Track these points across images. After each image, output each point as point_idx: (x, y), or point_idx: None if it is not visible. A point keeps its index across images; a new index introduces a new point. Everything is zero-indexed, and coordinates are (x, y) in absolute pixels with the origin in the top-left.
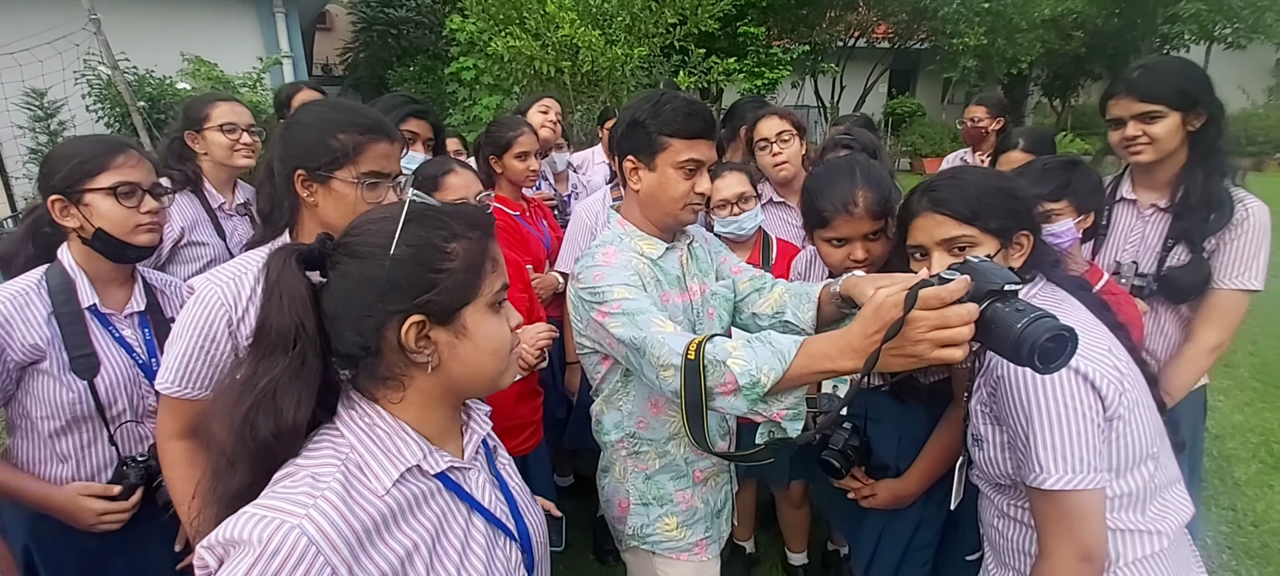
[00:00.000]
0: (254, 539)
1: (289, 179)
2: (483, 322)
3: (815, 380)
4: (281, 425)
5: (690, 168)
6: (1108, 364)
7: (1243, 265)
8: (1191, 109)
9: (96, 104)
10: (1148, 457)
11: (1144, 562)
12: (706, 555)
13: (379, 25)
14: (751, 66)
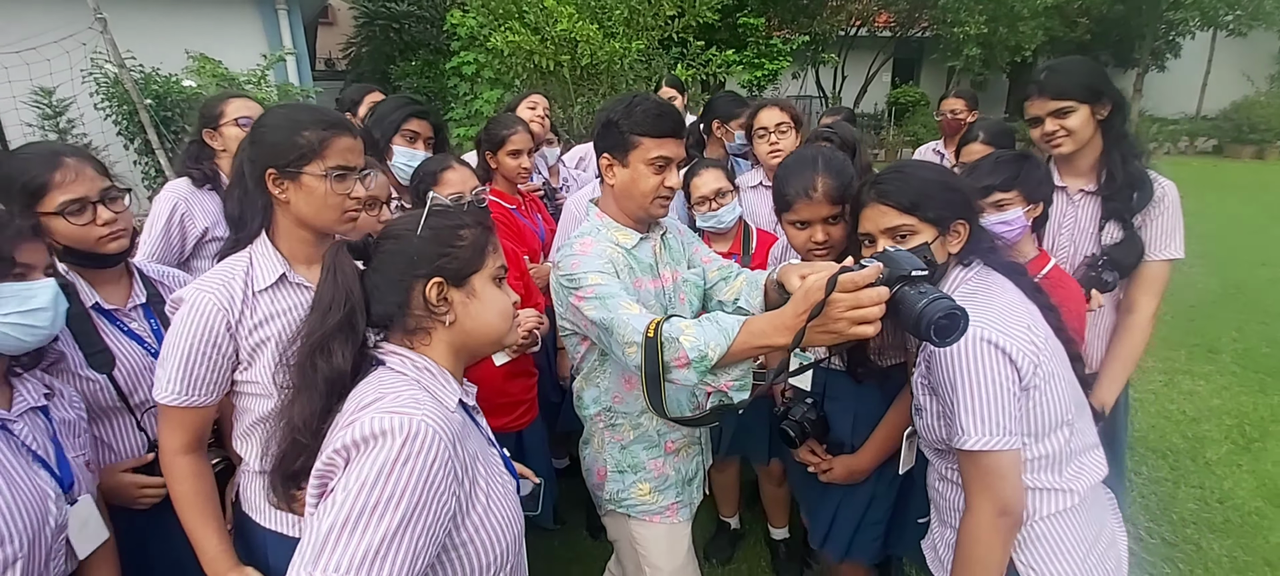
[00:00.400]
0: (395, 428)
1: (260, 180)
2: (488, 288)
3: (755, 354)
4: (334, 367)
5: (660, 164)
6: (1024, 339)
7: (1166, 238)
8: (1097, 100)
9: (104, 101)
10: (1063, 424)
11: (1057, 517)
12: (677, 519)
13: (381, 20)
14: (751, 57)
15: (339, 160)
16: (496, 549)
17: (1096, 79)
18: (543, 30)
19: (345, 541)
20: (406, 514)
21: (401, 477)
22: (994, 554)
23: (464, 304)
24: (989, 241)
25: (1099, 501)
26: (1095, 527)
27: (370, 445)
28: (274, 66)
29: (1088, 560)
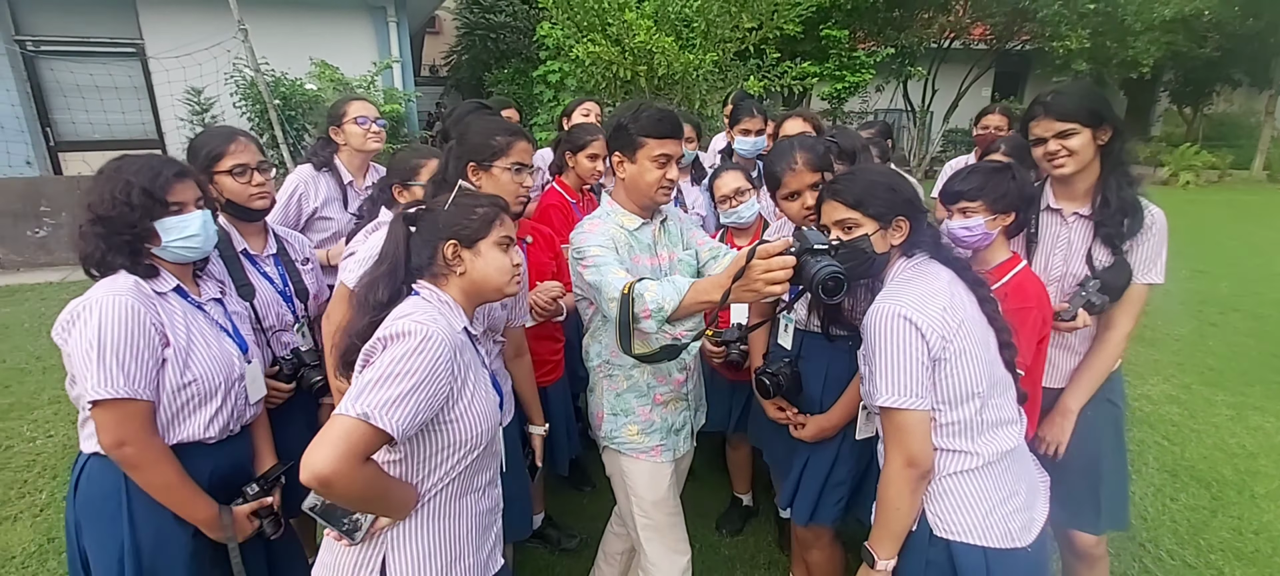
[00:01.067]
0: (416, 331)
1: (462, 170)
2: (492, 251)
3: (702, 309)
4: (376, 299)
5: (661, 160)
6: (938, 318)
7: (1150, 263)
8: (1099, 125)
9: (241, 100)
10: (974, 396)
11: (963, 475)
12: (660, 459)
13: (480, 30)
14: (832, 70)
15: (519, 159)
16: (474, 430)
17: (1099, 104)
18: (623, 42)
19: (374, 392)
20: (416, 384)
21: (416, 360)
22: (903, 498)
23: (472, 260)
24: (934, 237)
25: (1014, 471)
26: (1003, 492)
27: (400, 338)
28: (382, 72)
29: (990, 518)
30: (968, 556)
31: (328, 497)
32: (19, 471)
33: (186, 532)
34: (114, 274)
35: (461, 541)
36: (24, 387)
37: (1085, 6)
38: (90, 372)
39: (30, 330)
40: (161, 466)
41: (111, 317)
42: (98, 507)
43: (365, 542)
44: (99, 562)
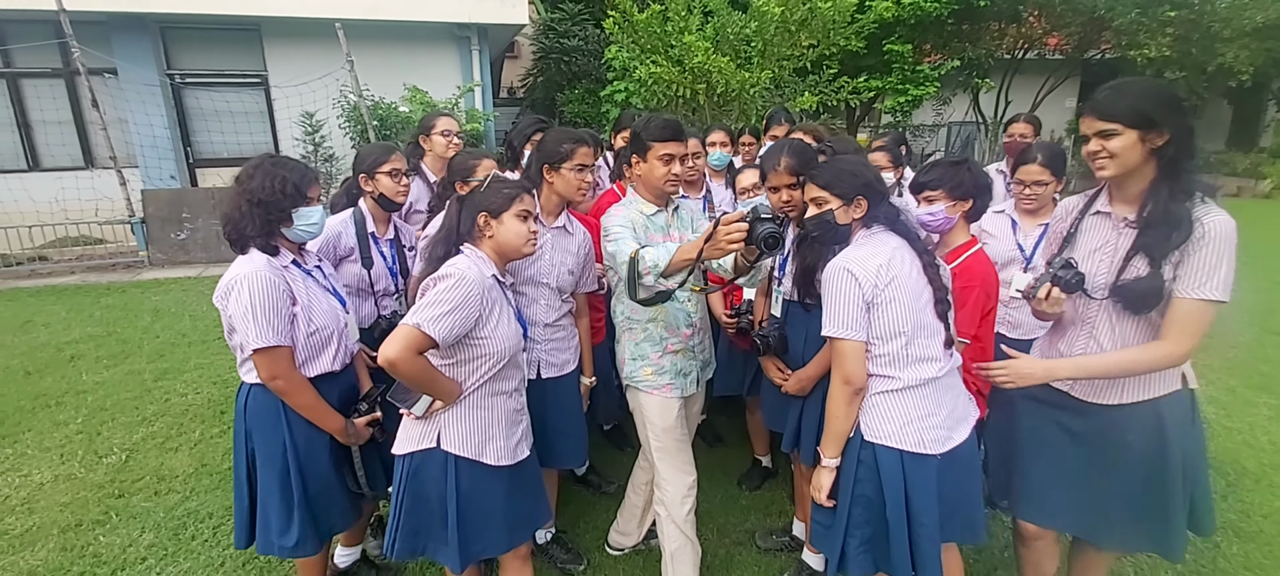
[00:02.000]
0: (454, 273)
1: (540, 169)
2: (512, 221)
3: (685, 264)
4: (436, 257)
5: (666, 158)
6: (872, 271)
7: (1202, 277)
8: (1149, 128)
9: (345, 122)
10: (899, 334)
11: (887, 395)
12: (670, 395)
13: (554, 54)
14: (896, 83)
15: (582, 161)
16: (499, 347)
17: (1153, 106)
18: (684, 62)
19: (425, 310)
20: (453, 307)
21: (454, 292)
22: (841, 409)
23: (498, 227)
24: (892, 213)
25: (934, 397)
26: (922, 411)
27: (444, 278)
28: (465, 95)
29: (906, 428)
30: (887, 457)
31: (394, 375)
32: (177, 417)
33: (325, 437)
34: (247, 251)
35: (493, 426)
36: (175, 356)
37: (1165, 14)
38: (248, 329)
39: (176, 314)
40: (304, 392)
41: (257, 287)
42: (263, 420)
43: (426, 420)
44: (265, 458)
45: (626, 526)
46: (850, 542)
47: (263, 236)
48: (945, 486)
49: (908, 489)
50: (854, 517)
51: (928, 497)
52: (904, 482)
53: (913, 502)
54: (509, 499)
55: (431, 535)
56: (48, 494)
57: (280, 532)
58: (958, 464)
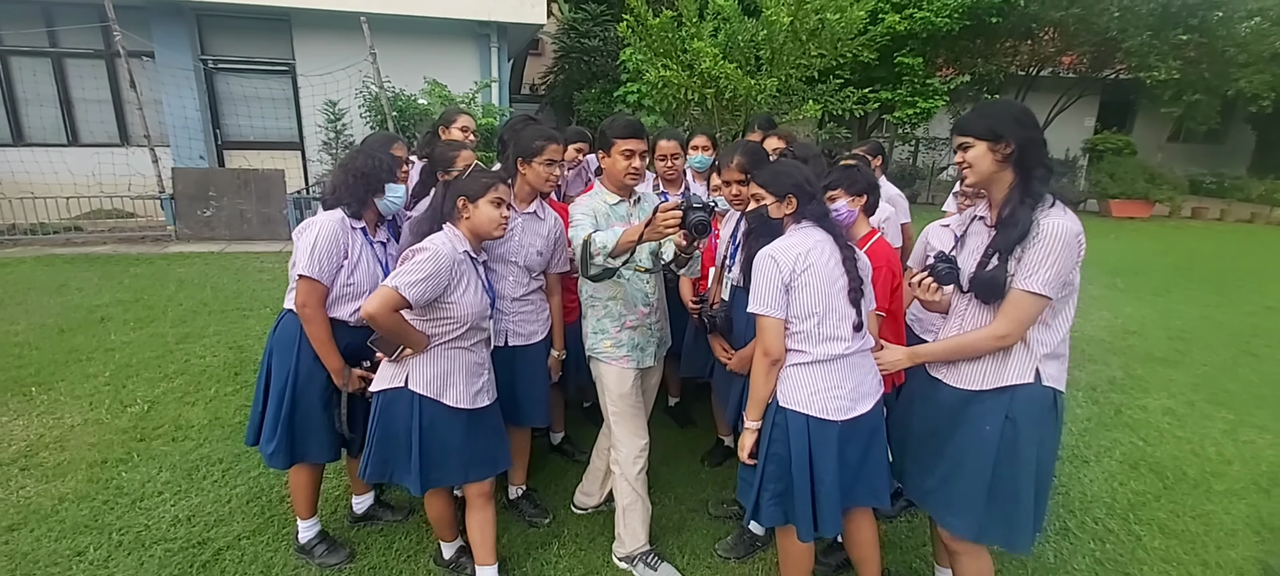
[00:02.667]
0: (432, 247)
1: (515, 162)
2: (486, 205)
3: (630, 245)
4: (422, 232)
5: (627, 153)
6: (791, 258)
7: (1029, 271)
8: (996, 140)
9: (366, 112)
10: (812, 315)
11: (799, 367)
12: (626, 366)
13: (575, 53)
14: (905, 95)
15: (550, 156)
16: (464, 312)
17: (999, 121)
18: (693, 67)
19: (402, 276)
20: (425, 276)
21: (427, 264)
22: (761, 377)
23: (474, 211)
24: (821, 211)
25: (840, 372)
26: (829, 383)
27: (420, 250)
28: (482, 90)
29: (814, 397)
30: (795, 420)
31: (373, 326)
32: (195, 376)
33: (323, 373)
34: (330, 211)
35: (455, 373)
36: (196, 322)
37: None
38: (303, 257)
39: (199, 285)
40: (320, 325)
41: (325, 232)
42: (284, 344)
43: (398, 363)
44: (277, 376)
45: (589, 488)
46: (764, 496)
47: (356, 203)
48: (848, 452)
49: (812, 450)
50: (767, 474)
51: (829, 459)
52: (809, 444)
53: (816, 463)
54: (466, 438)
55: (397, 463)
56: (77, 435)
57: (266, 441)
58: (860, 432)
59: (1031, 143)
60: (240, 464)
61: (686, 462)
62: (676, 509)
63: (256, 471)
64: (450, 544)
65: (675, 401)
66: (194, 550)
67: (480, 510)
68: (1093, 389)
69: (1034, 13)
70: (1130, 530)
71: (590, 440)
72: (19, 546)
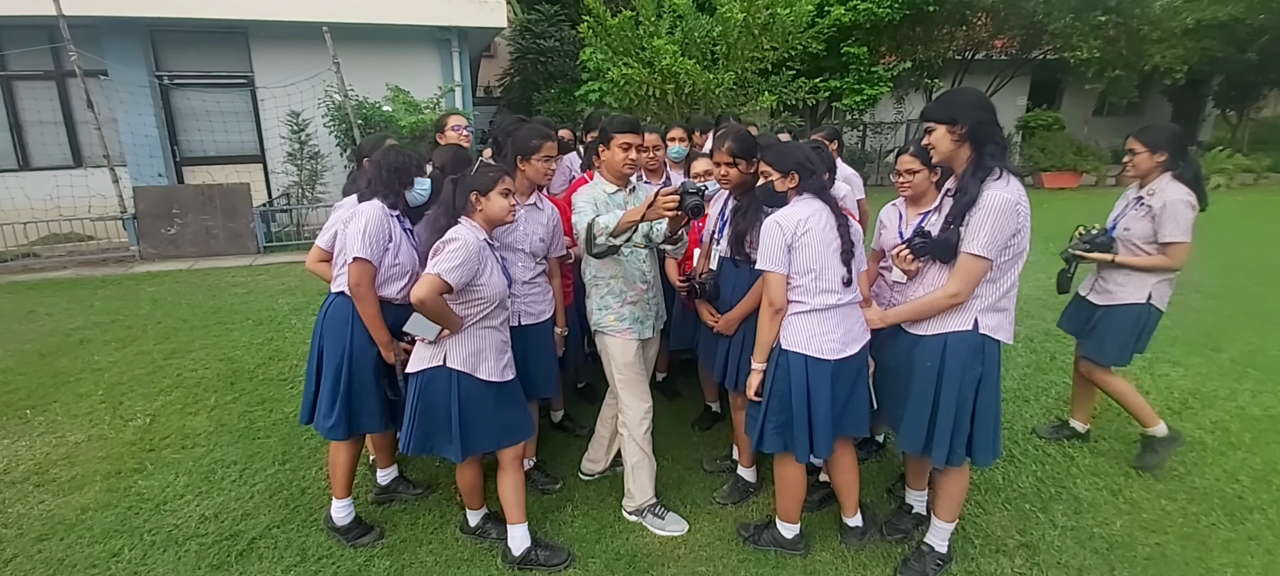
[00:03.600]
0: (460, 237)
1: (514, 159)
2: (496, 197)
3: (631, 225)
4: (440, 226)
5: (625, 146)
6: (793, 223)
7: (970, 236)
8: (952, 123)
9: (330, 121)
10: (809, 271)
11: (799, 315)
12: (629, 337)
13: (531, 55)
14: (852, 83)
15: (546, 154)
16: (491, 293)
17: (954, 106)
18: (654, 64)
19: (442, 263)
20: (460, 261)
21: (460, 251)
22: (767, 324)
23: (486, 203)
24: (819, 185)
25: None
26: (824, 328)
27: (452, 240)
28: (446, 95)
29: (810, 340)
30: (795, 360)
31: (422, 311)
32: (191, 388)
33: (374, 349)
34: (370, 201)
35: (486, 350)
36: (181, 338)
37: (1096, 18)
38: (356, 242)
39: (174, 303)
40: (371, 304)
41: (373, 218)
42: (335, 326)
43: (435, 344)
44: (329, 356)
45: (596, 454)
46: (768, 426)
47: (393, 194)
48: (838, 388)
49: (810, 385)
50: (771, 407)
51: (823, 393)
52: (807, 380)
53: (813, 396)
54: (497, 407)
55: (438, 435)
56: (84, 450)
57: (325, 416)
58: (848, 370)
59: (981, 123)
60: (255, 464)
61: (679, 429)
62: (674, 468)
63: (273, 469)
64: (476, 512)
65: (662, 377)
66: (227, 542)
67: (513, 473)
68: (1031, 340)
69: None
70: (1065, 453)
71: (587, 418)
72: (53, 553)
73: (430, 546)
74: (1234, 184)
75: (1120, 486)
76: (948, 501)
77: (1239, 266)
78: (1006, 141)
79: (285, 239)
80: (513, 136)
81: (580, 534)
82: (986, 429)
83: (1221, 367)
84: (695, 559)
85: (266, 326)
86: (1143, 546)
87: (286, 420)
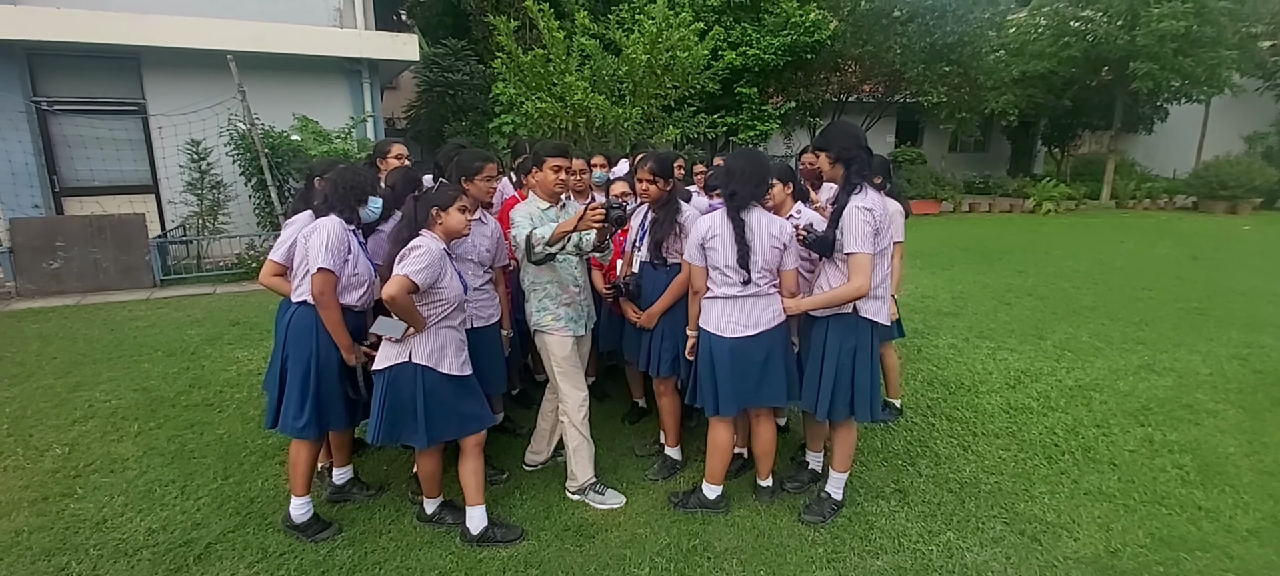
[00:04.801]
0: (424, 244)
1: (458, 179)
2: (454, 212)
3: (563, 235)
4: (403, 237)
5: (556, 168)
6: (704, 228)
7: (845, 239)
8: (827, 149)
9: (233, 150)
10: (715, 268)
11: (710, 300)
12: (565, 334)
13: (439, 87)
14: (746, 120)
15: (488, 174)
16: (451, 296)
17: (830, 138)
18: (565, 99)
19: (409, 265)
20: (425, 265)
21: (425, 255)
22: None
23: (445, 217)
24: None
25: (737, 306)
26: (727, 313)
27: (418, 247)
28: (358, 126)
29: (714, 320)
30: (705, 336)
31: (392, 308)
32: (108, 417)
33: (338, 356)
34: (327, 216)
35: (447, 346)
36: (83, 371)
37: (942, 69)
38: (319, 253)
39: (67, 338)
40: (334, 311)
41: (333, 232)
42: (300, 334)
43: (402, 343)
44: (294, 362)
45: (538, 446)
46: (694, 383)
47: (350, 210)
48: (741, 360)
49: (712, 355)
50: (698, 370)
51: (723, 362)
52: (711, 351)
53: (716, 364)
54: (457, 398)
55: (404, 425)
56: (0, 481)
57: (295, 417)
58: (750, 347)
59: (847, 149)
60: (195, 480)
61: (610, 423)
62: (609, 455)
63: (216, 484)
64: (433, 500)
65: (592, 380)
66: (181, 549)
67: (474, 458)
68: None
69: (839, 50)
70: (929, 421)
71: (524, 420)
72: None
73: (390, 535)
74: (1060, 209)
75: (969, 443)
76: (841, 454)
77: (1061, 275)
78: (869, 163)
79: (184, 272)
80: (456, 160)
81: (530, 514)
82: (864, 391)
83: (1046, 352)
84: (634, 524)
85: (180, 357)
86: (985, 485)
87: (221, 441)
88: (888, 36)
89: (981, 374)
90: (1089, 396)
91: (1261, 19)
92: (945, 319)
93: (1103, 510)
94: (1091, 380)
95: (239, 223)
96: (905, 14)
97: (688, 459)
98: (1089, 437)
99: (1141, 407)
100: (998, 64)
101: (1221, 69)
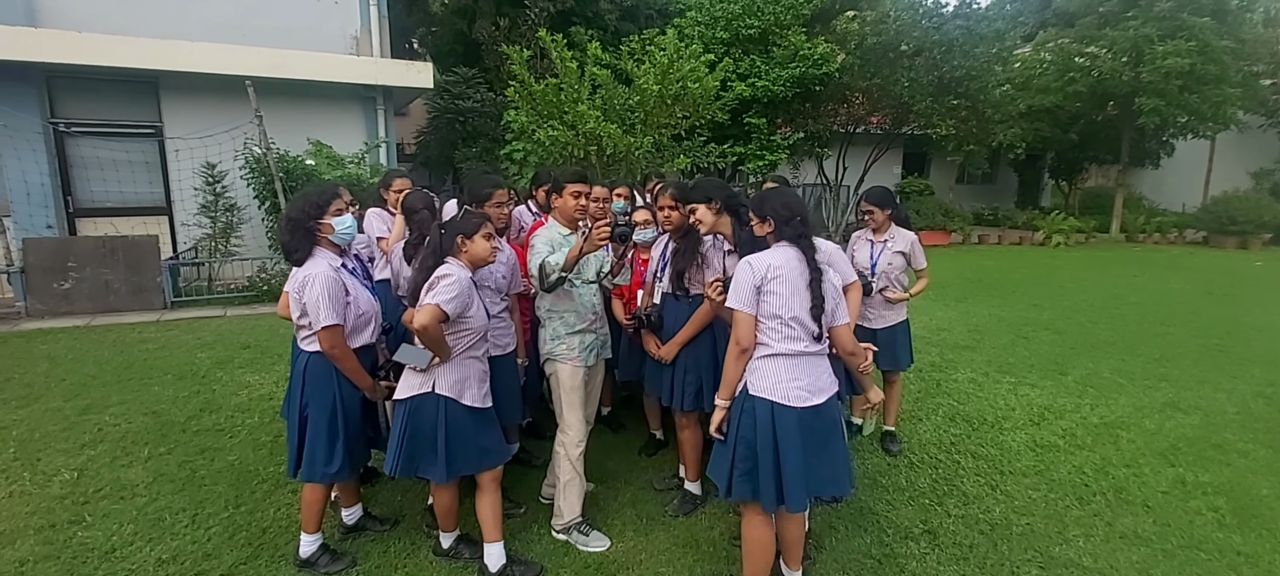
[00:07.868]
0: (453, 273)
1: (468, 204)
2: (480, 239)
3: (574, 260)
4: (428, 266)
5: (576, 194)
6: (764, 267)
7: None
8: (708, 202)
9: (248, 174)
10: (776, 317)
11: (765, 359)
12: (577, 364)
13: (449, 114)
14: (755, 150)
15: (500, 200)
16: (476, 324)
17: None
18: (577, 127)
19: (439, 294)
20: (456, 294)
21: (455, 284)
22: (732, 364)
23: (470, 245)
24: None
25: (801, 366)
26: (791, 375)
27: (447, 276)
28: (371, 151)
29: (777, 386)
30: (762, 405)
31: (422, 338)
32: (117, 442)
33: (359, 396)
34: (303, 261)
35: (471, 378)
36: (93, 394)
37: (950, 102)
38: (321, 310)
39: (76, 360)
40: (350, 359)
41: (326, 281)
42: (318, 381)
43: (425, 372)
44: (318, 409)
45: (553, 480)
46: (735, 474)
47: (308, 245)
48: (809, 438)
49: (776, 432)
50: (737, 453)
51: (792, 441)
52: (773, 427)
53: (781, 444)
54: (478, 432)
55: (423, 457)
56: (7, 507)
57: (325, 463)
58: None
59: (730, 198)
60: (206, 509)
61: (627, 456)
62: (628, 489)
63: (227, 513)
64: (450, 533)
65: (608, 410)
66: None
67: (491, 493)
68: (919, 370)
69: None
70: (953, 459)
71: (539, 450)
72: None
73: (405, 569)
74: (1070, 242)
75: (996, 482)
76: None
77: (1077, 309)
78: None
79: (195, 294)
80: (466, 187)
81: (548, 549)
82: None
83: (1068, 387)
84: (656, 562)
85: (190, 380)
86: (1016, 526)
87: (232, 467)
88: (895, 70)
89: (1004, 409)
90: (1116, 434)
91: (1262, 59)
92: (963, 352)
93: (1140, 555)
94: (1117, 417)
95: (251, 245)
96: (912, 48)
97: (708, 493)
98: (1120, 478)
99: (1170, 447)
100: (1004, 97)
101: (1226, 106)
